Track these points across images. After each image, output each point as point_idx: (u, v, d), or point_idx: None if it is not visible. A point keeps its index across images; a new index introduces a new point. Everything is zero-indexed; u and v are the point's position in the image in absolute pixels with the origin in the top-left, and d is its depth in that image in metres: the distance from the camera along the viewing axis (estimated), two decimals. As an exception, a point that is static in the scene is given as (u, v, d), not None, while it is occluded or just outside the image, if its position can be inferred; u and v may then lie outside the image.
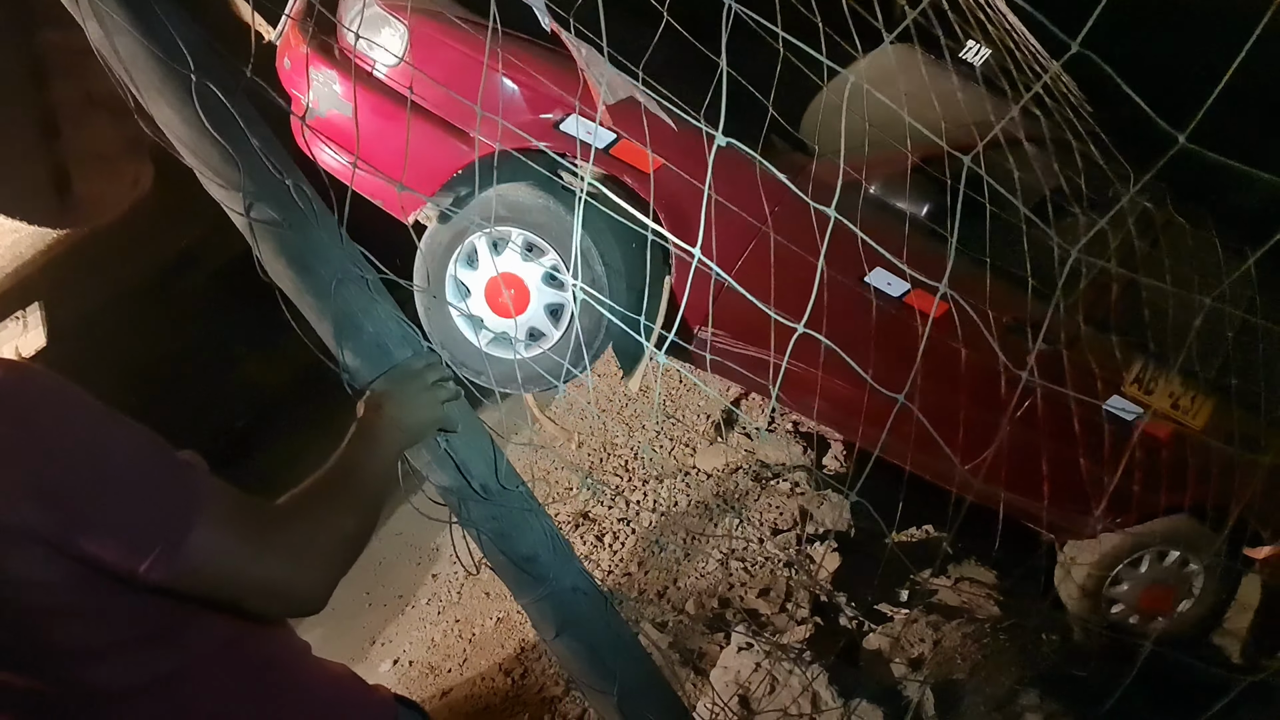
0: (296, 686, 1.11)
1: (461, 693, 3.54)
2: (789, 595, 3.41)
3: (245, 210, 1.31)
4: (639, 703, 1.67)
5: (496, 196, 3.01)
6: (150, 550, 0.86)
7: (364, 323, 1.39)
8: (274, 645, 1.10)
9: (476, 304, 3.17)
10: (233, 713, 1.02)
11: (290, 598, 1.00)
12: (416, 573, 4.60)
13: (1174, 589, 3.79)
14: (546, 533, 1.57)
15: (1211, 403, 3.33)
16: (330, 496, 1.10)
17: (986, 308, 2.44)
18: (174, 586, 0.89)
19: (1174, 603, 3.84)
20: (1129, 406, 3.25)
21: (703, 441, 4.59)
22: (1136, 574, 3.74)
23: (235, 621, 1.01)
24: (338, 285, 1.35)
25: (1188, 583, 3.81)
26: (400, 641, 4.11)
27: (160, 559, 0.86)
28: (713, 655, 3.01)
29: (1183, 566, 3.75)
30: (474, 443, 1.49)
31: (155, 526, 0.87)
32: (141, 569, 0.86)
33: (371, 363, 1.39)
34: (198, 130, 1.27)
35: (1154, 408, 3.27)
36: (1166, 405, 3.30)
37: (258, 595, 0.97)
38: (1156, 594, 3.79)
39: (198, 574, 0.90)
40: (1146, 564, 3.72)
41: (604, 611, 1.63)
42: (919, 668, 2.64)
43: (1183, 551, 3.69)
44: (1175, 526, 3.59)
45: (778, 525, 3.81)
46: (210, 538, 0.90)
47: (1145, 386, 3.27)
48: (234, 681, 1.02)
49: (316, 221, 1.36)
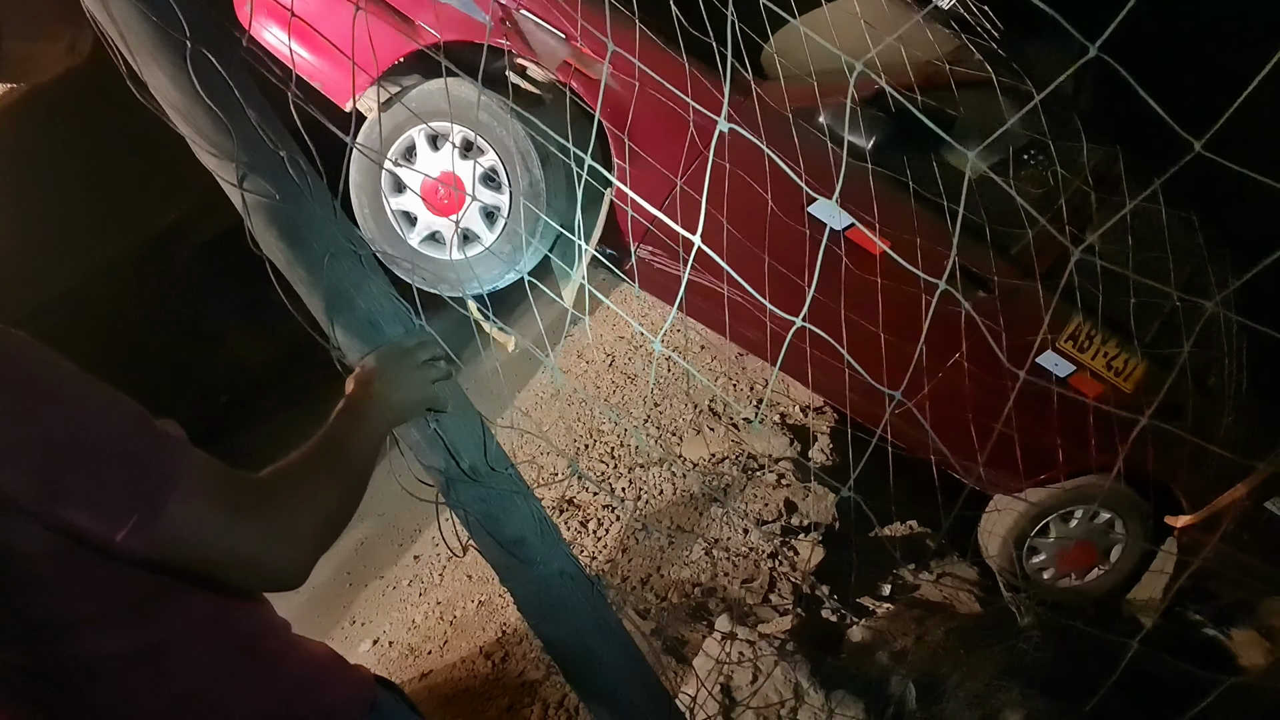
0: (276, 663, 1.09)
1: (441, 675, 3.53)
2: (773, 586, 3.41)
3: (238, 181, 1.29)
4: (621, 687, 1.67)
5: (438, 90, 2.91)
6: (127, 519, 0.84)
7: (356, 298, 1.37)
8: (254, 621, 1.09)
9: (412, 200, 3.06)
10: (212, 687, 1.01)
11: (269, 572, 0.98)
12: (399, 554, 4.59)
13: (1094, 549, 3.84)
14: (534, 516, 1.56)
15: (1144, 366, 3.35)
16: (314, 472, 1.08)
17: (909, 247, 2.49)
18: (152, 557, 0.87)
19: (1093, 563, 3.89)
20: (1062, 363, 3.26)
21: (690, 430, 4.58)
22: (1058, 531, 3.79)
23: (215, 596, 1.00)
24: (330, 260, 1.33)
25: (1107, 544, 3.86)
26: (380, 622, 4.10)
27: (137, 528, 0.85)
28: (695, 644, 3.01)
29: (1105, 527, 3.80)
30: (464, 424, 1.48)
31: (132, 495, 0.85)
32: (118, 538, 0.84)
33: (362, 339, 1.38)
34: (191, 98, 1.24)
35: (1087, 366, 3.29)
36: (1100, 365, 3.31)
37: (236, 568, 0.95)
38: (1076, 552, 3.85)
39: (175, 545, 0.88)
40: (1069, 522, 3.77)
41: (590, 596, 1.63)
42: (901, 661, 2.65)
43: (1105, 512, 3.74)
44: (1099, 487, 3.62)
45: (763, 516, 3.81)
46: (189, 508, 0.89)
47: (1080, 344, 3.27)
48: (214, 656, 1.01)
49: (311, 195, 1.34)
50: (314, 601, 4.40)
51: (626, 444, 4.64)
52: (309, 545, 1.02)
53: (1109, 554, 3.90)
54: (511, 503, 1.53)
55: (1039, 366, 3.22)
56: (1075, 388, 3.29)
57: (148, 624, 0.95)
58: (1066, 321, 3.24)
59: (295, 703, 1.10)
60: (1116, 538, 3.84)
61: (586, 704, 1.73)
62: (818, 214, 2.98)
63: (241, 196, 1.30)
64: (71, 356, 0.90)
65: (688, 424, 4.64)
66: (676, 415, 4.75)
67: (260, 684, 1.06)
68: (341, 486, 1.10)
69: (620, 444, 4.65)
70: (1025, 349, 2.97)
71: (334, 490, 1.08)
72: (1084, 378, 3.31)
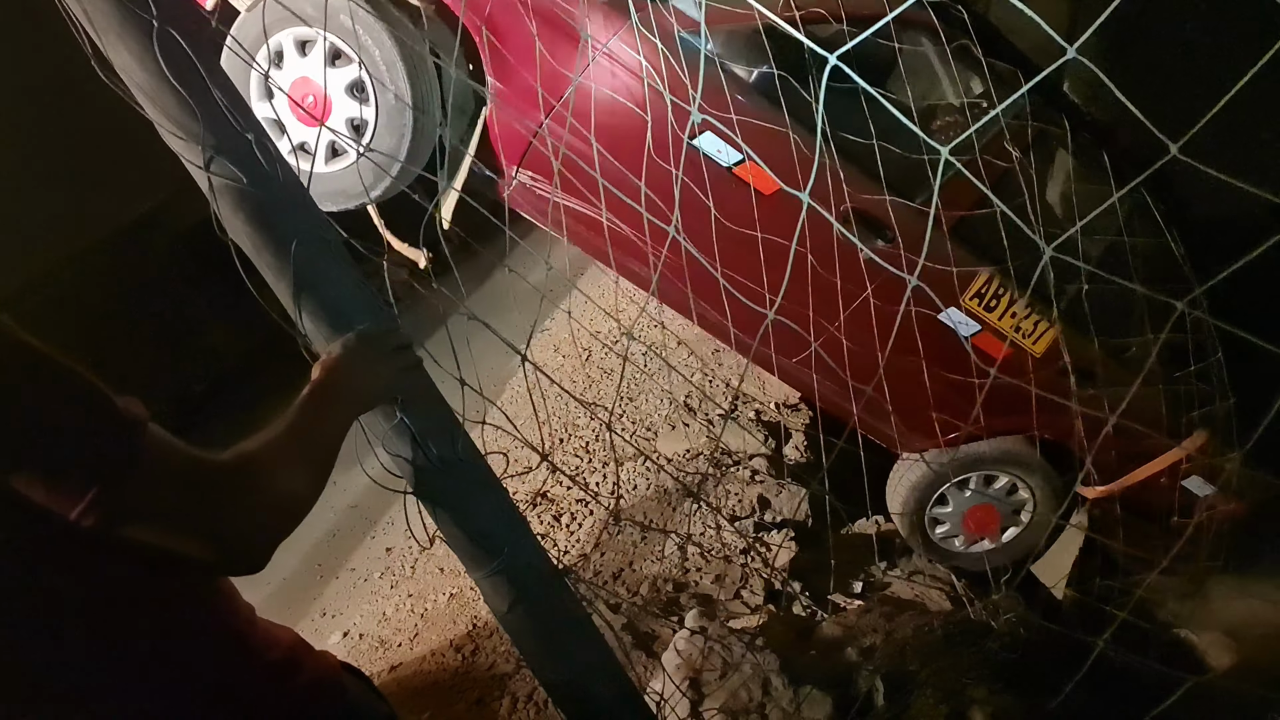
0: (241, 647, 1.08)
1: (411, 668, 3.51)
2: (744, 582, 3.42)
3: (204, 164, 1.27)
4: (589, 681, 1.66)
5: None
6: (83, 494, 0.83)
7: (324, 285, 1.35)
8: (218, 604, 1.07)
9: (280, 108, 2.93)
10: (176, 671, 0.99)
11: (229, 554, 0.97)
12: (370, 546, 4.57)
13: (999, 515, 3.77)
14: (503, 508, 1.55)
15: (1054, 331, 3.24)
16: (278, 455, 1.06)
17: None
18: (109, 535, 0.86)
19: (998, 529, 3.83)
20: (967, 321, 3.14)
21: (665, 426, 4.58)
22: (963, 495, 3.73)
23: (177, 578, 0.99)
24: (298, 246, 1.31)
25: (1016, 511, 3.80)
26: (351, 614, 4.08)
27: (94, 505, 0.83)
28: (666, 638, 3.01)
29: (1011, 494, 3.74)
30: (432, 414, 1.47)
31: (90, 470, 0.84)
32: (74, 514, 0.83)
33: (330, 326, 1.36)
34: (158, 78, 1.22)
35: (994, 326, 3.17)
36: (1007, 326, 3.20)
37: (195, 549, 0.93)
38: (981, 517, 3.78)
39: (133, 523, 0.87)
40: (974, 485, 3.70)
41: (557, 589, 1.62)
42: (870, 657, 2.65)
43: (1013, 477, 3.67)
44: (1006, 451, 3.54)
45: (736, 512, 3.82)
46: (147, 484, 0.87)
47: (986, 303, 3.17)
48: (177, 640, 1.00)
49: (279, 179, 1.32)
50: (283, 593, 4.37)
51: (602, 439, 4.63)
52: (271, 529, 1.00)
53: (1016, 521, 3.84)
54: (480, 495, 1.52)
55: (942, 324, 3.08)
56: (979, 348, 3.15)
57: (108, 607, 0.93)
58: (973, 279, 3.11)
59: (262, 688, 1.08)
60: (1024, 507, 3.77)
61: (553, 698, 1.72)
62: (704, 147, 2.84)
63: (208, 180, 1.28)
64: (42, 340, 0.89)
65: (663, 419, 4.64)
66: (651, 410, 4.75)
67: (225, 669, 1.05)
68: (305, 471, 1.09)
69: (595, 439, 4.65)
70: (927, 305, 2.86)
71: (297, 474, 1.07)
72: (990, 339, 3.19)
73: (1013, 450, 3.56)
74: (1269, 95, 1.99)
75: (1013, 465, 3.62)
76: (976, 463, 3.59)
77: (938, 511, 3.78)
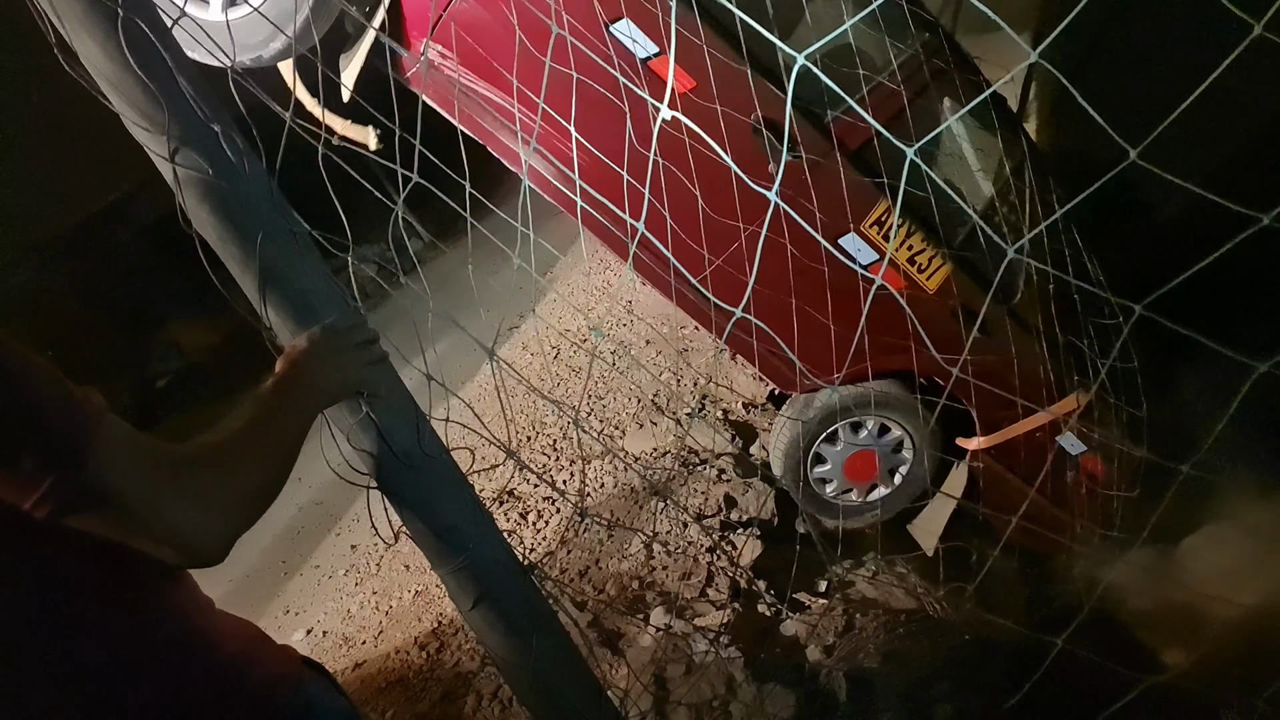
0: (200, 638, 1.07)
1: (375, 666, 3.49)
2: (710, 580, 3.43)
3: (169, 155, 1.26)
4: (554, 677, 1.66)
5: None
6: (41, 481, 0.82)
7: (289, 278, 1.35)
8: (176, 597, 1.07)
9: None
10: (134, 661, 0.99)
11: (187, 545, 0.95)
12: (335, 543, 4.54)
13: (879, 462, 3.74)
14: (468, 503, 1.54)
15: (947, 271, 3.22)
16: (239, 446, 1.06)
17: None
18: (65, 525, 0.85)
19: (876, 477, 3.81)
20: (864, 248, 3.07)
21: (632, 425, 4.59)
22: (846, 439, 3.67)
23: (134, 571, 0.98)
24: (264, 238, 1.30)
25: (895, 459, 3.79)
26: (315, 611, 4.05)
27: (51, 492, 0.82)
28: (631, 636, 3.02)
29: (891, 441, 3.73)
30: (397, 408, 1.46)
31: (47, 457, 0.83)
32: (27, 505, 0.82)
33: (295, 320, 1.35)
34: (122, 67, 1.21)
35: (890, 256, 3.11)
36: (903, 257, 3.16)
37: (153, 539, 0.93)
38: (860, 464, 3.73)
39: (90, 511, 0.86)
40: (857, 433, 3.67)
41: (522, 585, 1.62)
42: (833, 654, 2.68)
43: (891, 421, 3.64)
44: (887, 394, 3.51)
45: (702, 511, 3.83)
46: (105, 473, 0.87)
47: (885, 232, 3.10)
48: (134, 632, 0.99)
49: (245, 171, 1.31)
50: (246, 589, 4.34)
51: (569, 437, 4.63)
52: (230, 521, 1.00)
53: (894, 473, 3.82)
54: (445, 489, 1.52)
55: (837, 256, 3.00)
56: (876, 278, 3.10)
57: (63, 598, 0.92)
58: (873, 206, 3.05)
59: (221, 681, 1.08)
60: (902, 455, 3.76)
61: (517, 694, 1.72)
62: (619, 36, 2.70)
63: (173, 170, 1.27)
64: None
65: (630, 418, 4.64)
66: (619, 409, 4.75)
67: (184, 659, 1.04)
68: (266, 463, 1.08)
69: (563, 437, 4.64)
70: (828, 228, 2.83)
71: (258, 467, 1.06)
72: (887, 270, 3.14)
73: (894, 394, 3.53)
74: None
75: (894, 410, 3.59)
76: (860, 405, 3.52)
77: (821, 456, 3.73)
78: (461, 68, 2.80)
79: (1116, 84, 4.11)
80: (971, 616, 2.82)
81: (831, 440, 3.69)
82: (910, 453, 3.77)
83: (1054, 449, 3.50)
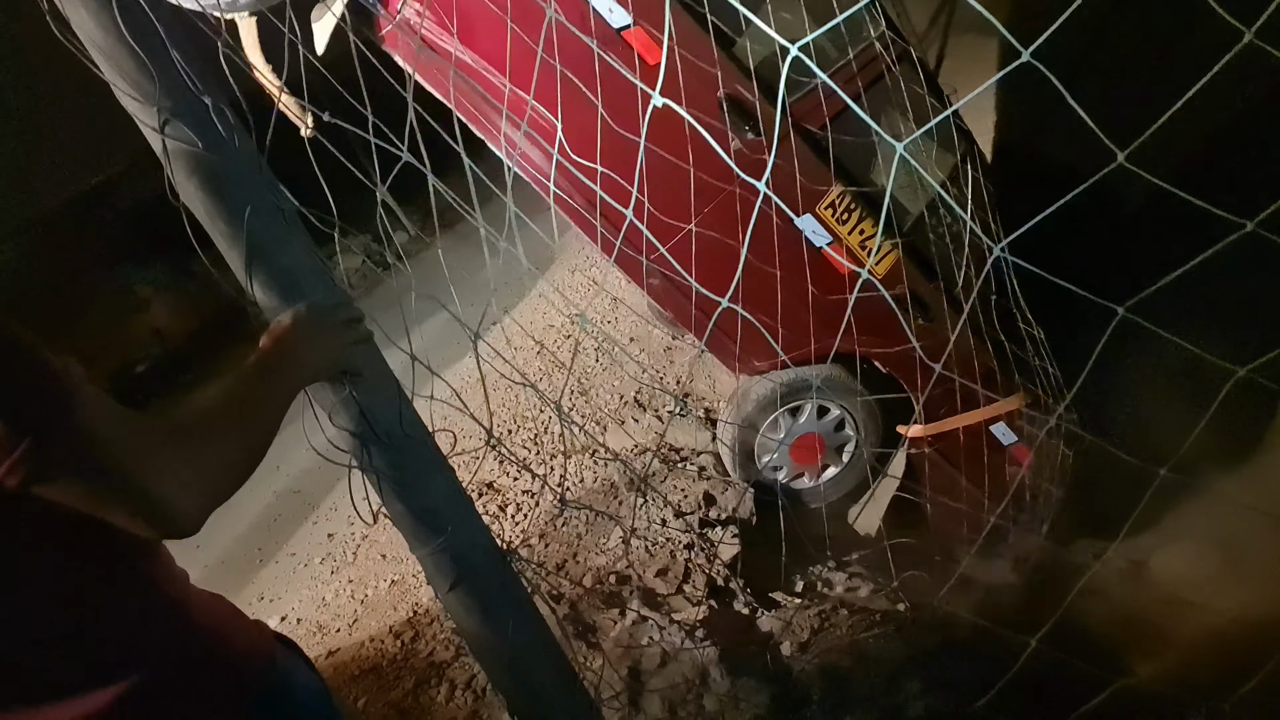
0: (176, 609, 1.07)
1: (349, 653, 3.48)
2: (687, 577, 3.43)
3: (159, 126, 1.26)
4: (529, 663, 1.66)
5: None
6: (15, 445, 0.81)
7: (277, 254, 1.35)
8: (152, 569, 1.06)
9: None
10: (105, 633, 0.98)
11: (160, 517, 0.94)
12: (312, 531, 4.53)
13: (823, 446, 3.79)
14: (449, 486, 1.55)
15: (895, 256, 3.28)
16: (218, 420, 1.05)
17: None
18: (38, 492, 0.84)
19: (820, 461, 3.85)
20: (819, 230, 3.12)
21: (614, 421, 4.59)
22: (795, 423, 3.72)
23: (109, 541, 0.97)
24: (251, 213, 1.30)
25: (840, 438, 3.83)
26: (290, 599, 4.04)
27: (25, 457, 0.82)
28: (606, 629, 3.02)
29: (837, 426, 3.78)
30: (380, 388, 1.46)
31: (22, 421, 0.82)
32: (5, 465, 0.81)
33: (281, 296, 1.35)
34: (115, 37, 1.21)
35: (843, 240, 3.16)
36: (854, 242, 3.21)
37: (126, 509, 0.91)
38: (806, 448, 3.78)
39: (64, 478, 0.86)
40: (800, 417, 3.71)
41: (501, 570, 1.62)
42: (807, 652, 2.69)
43: (829, 403, 3.68)
44: (830, 377, 3.56)
45: (681, 508, 3.84)
46: (80, 440, 0.86)
47: (839, 215, 3.15)
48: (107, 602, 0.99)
49: (235, 145, 1.31)
50: (220, 575, 4.32)
51: (550, 431, 4.63)
52: (204, 493, 0.98)
53: (842, 451, 3.86)
54: (426, 471, 1.52)
55: (789, 236, 3.06)
56: (828, 261, 3.16)
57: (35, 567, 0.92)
58: (826, 191, 3.09)
59: (196, 652, 1.08)
60: (846, 433, 3.80)
61: (492, 679, 1.72)
62: (596, 5, 2.69)
63: (162, 142, 1.27)
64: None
65: (612, 414, 4.65)
66: (601, 405, 4.76)
67: (160, 633, 1.04)
68: (244, 438, 1.08)
69: (544, 430, 4.65)
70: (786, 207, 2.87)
71: (236, 441, 1.06)
72: (839, 252, 3.18)
73: (837, 377, 3.58)
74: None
75: (839, 393, 3.64)
76: (804, 388, 3.56)
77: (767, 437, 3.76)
78: (436, 28, 2.78)
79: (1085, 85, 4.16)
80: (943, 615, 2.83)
81: (775, 429, 3.73)
82: (853, 429, 3.81)
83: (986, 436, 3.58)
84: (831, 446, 3.85)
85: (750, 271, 2.81)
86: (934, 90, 3.76)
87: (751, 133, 2.91)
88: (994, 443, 3.62)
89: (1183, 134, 3.98)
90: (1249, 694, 1.58)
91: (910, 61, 3.51)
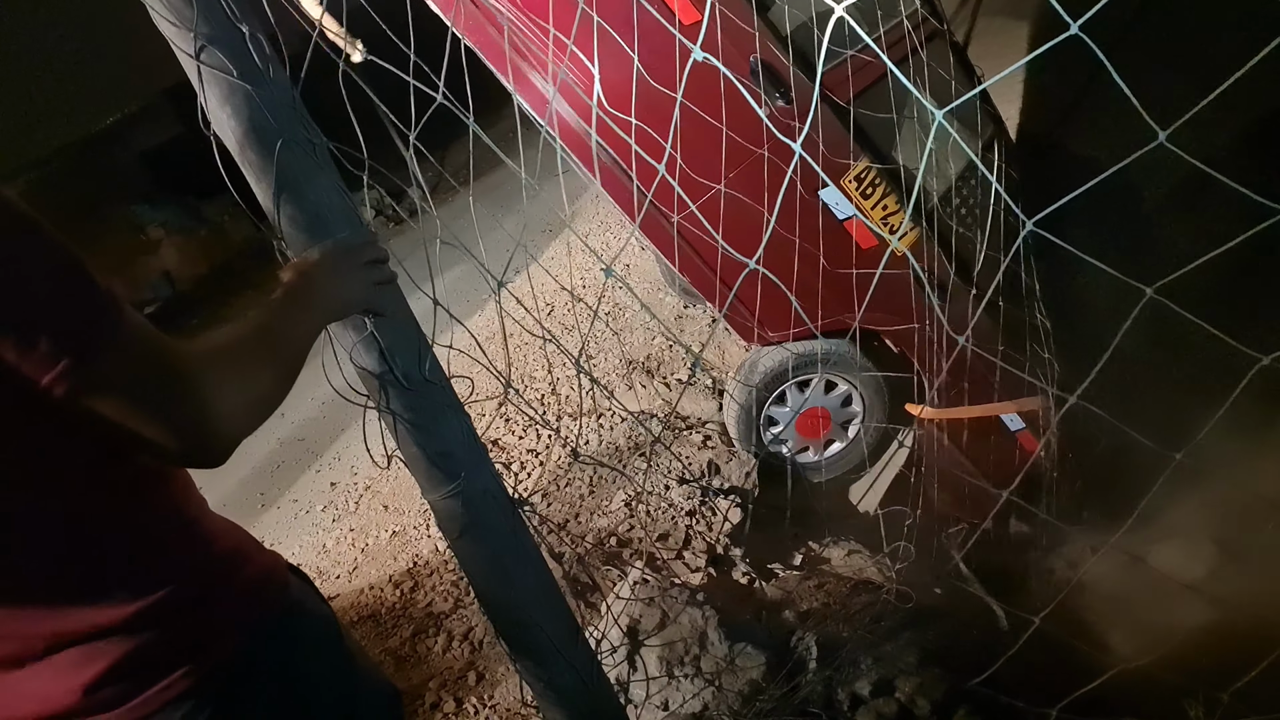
0: (196, 529, 1.08)
1: (348, 600, 3.51)
2: (687, 543, 3.45)
3: (195, 52, 1.25)
4: (534, 611, 1.67)
5: None
6: (57, 360, 0.81)
7: (306, 189, 1.34)
8: (176, 491, 1.07)
9: None
10: (126, 550, 0.99)
11: (189, 443, 0.94)
12: (315, 479, 4.55)
13: (829, 420, 3.83)
14: (465, 431, 1.55)
15: (916, 234, 3.23)
16: (248, 351, 1.05)
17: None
18: (75, 407, 0.84)
19: (824, 435, 3.89)
20: (844, 203, 3.11)
21: (622, 385, 4.60)
22: (802, 396, 3.74)
23: (136, 461, 0.98)
24: (283, 145, 1.30)
25: (846, 413, 3.86)
26: (290, 544, 4.06)
27: (65, 374, 0.82)
28: (607, 590, 3.04)
29: (845, 402, 3.80)
30: (401, 331, 1.46)
31: (65, 338, 0.82)
32: (45, 380, 0.81)
33: (307, 233, 1.35)
34: (154, -42, 1.20)
35: (866, 215, 3.15)
36: (877, 217, 3.20)
37: (159, 434, 0.91)
38: (812, 421, 3.81)
39: (101, 398, 0.86)
40: (804, 390, 3.72)
41: (510, 518, 1.63)
42: (806, 621, 2.70)
43: (836, 377, 3.71)
44: (840, 352, 3.56)
45: (685, 475, 3.85)
46: (119, 362, 0.86)
47: (863, 189, 3.13)
48: (130, 520, 0.99)
49: (270, 76, 1.30)
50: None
51: (559, 392, 4.64)
52: (234, 422, 0.98)
53: (848, 426, 3.89)
54: (443, 415, 1.52)
55: (813, 208, 3.07)
56: (849, 233, 3.16)
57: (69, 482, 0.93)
58: (850, 162, 3.07)
59: (218, 574, 1.09)
60: (853, 408, 3.83)
61: (496, 625, 1.73)
62: None
63: (197, 69, 1.26)
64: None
65: (620, 379, 4.65)
66: (610, 369, 4.76)
67: (180, 552, 1.05)
68: (273, 370, 1.08)
69: (551, 391, 4.65)
70: (810, 177, 2.87)
71: (265, 372, 1.06)
72: (860, 227, 3.18)
73: (847, 353, 3.58)
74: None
75: (841, 368, 3.65)
76: (813, 361, 3.57)
77: (772, 418, 3.79)
78: None
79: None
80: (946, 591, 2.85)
81: (781, 402, 3.75)
82: (860, 405, 3.82)
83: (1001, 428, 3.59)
84: (837, 422, 3.86)
85: (770, 241, 2.80)
86: (965, 69, 3.73)
87: (782, 100, 2.88)
88: (1002, 428, 3.62)
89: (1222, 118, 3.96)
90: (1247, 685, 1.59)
91: (942, 40, 3.48)
